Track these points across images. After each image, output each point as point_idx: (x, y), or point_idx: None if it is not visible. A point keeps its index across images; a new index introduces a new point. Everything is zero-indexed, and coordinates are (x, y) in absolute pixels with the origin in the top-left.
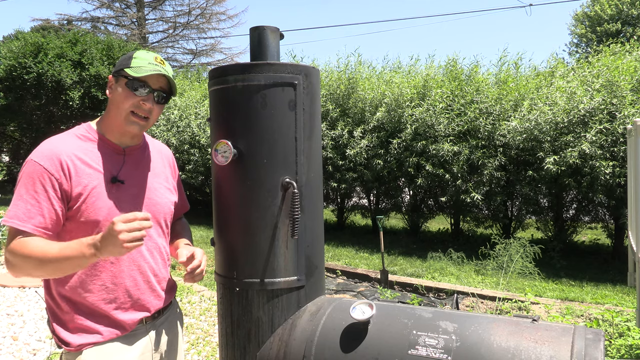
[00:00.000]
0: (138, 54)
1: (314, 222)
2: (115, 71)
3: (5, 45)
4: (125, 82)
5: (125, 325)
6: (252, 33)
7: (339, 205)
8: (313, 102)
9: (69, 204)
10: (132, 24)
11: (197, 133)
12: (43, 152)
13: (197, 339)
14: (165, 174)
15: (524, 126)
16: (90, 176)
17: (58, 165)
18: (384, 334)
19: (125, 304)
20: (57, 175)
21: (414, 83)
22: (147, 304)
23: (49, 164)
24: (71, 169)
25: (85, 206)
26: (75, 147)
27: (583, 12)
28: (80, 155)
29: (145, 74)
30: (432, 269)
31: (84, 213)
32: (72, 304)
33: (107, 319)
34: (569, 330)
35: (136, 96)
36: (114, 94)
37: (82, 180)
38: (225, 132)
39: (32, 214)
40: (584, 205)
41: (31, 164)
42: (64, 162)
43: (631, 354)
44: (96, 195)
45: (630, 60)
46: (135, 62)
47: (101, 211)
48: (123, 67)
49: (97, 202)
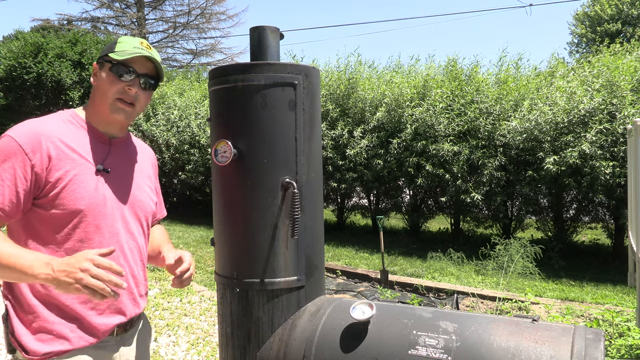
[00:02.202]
0: (123, 38)
1: (314, 222)
2: (100, 57)
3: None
4: (110, 67)
5: (98, 332)
6: (252, 33)
7: (339, 205)
8: (313, 102)
9: (43, 190)
10: (132, 24)
11: (197, 133)
12: (22, 130)
13: (197, 339)
14: (149, 173)
15: (524, 126)
16: (74, 162)
17: (36, 146)
18: (384, 334)
19: (102, 305)
20: (32, 157)
21: (414, 83)
22: (123, 307)
23: (25, 142)
24: (52, 152)
25: (65, 193)
26: (60, 130)
27: (583, 12)
28: (65, 139)
29: (129, 56)
30: (432, 269)
31: (63, 201)
32: (41, 301)
33: (79, 321)
34: (569, 330)
35: (121, 81)
36: (98, 81)
37: (63, 164)
38: (225, 132)
39: None
40: (584, 205)
41: (7, 140)
42: (44, 143)
43: (631, 354)
44: (78, 182)
45: (630, 60)
46: (119, 47)
47: (82, 201)
48: (107, 53)
49: (78, 190)
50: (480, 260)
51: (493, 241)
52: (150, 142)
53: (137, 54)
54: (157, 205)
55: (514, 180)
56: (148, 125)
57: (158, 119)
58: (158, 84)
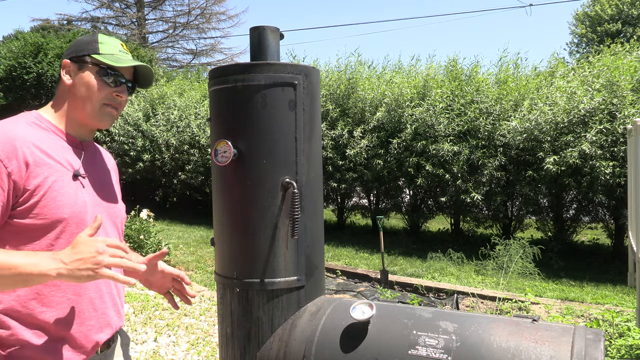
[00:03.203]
0: (103, 38)
1: (314, 222)
2: (77, 56)
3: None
4: (97, 70)
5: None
6: (252, 33)
7: (339, 205)
8: (313, 102)
9: (20, 199)
10: (132, 24)
11: (197, 133)
12: None
13: (197, 339)
14: (115, 178)
15: (524, 126)
16: (51, 167)
17: (12, 153)
18: (384, 334)
19: (91, 320)
20: (7, 163)
21: (414, 83)
22: (110, 320)
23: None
24: (29, 158)
25: (44, 202)
26: (30, 134)
27: (583, 12)
28: (38, 144)
29: (124, 64)
30: (432, 269)
31: (43, 210)
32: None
33: (66, 340)
34: (569, 331)
35: (110, 87)
36: (76, 82)
37: (41, 171)
38: (225, 132)
39: None
40: (584, 205)
41: None
42: (19, 148)
43: (631, 354)
44: (57, 189)
45: (630, 60)
46: (104, 48)
47: (64, 209)
48: (90, 53)
49: (59, 198)
50: (480, 260)
51: (493, 241)
52: (150, 142)
53: (129, 65)
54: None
55: (514, 180)
56: (148, 126)
57: (158, 119)
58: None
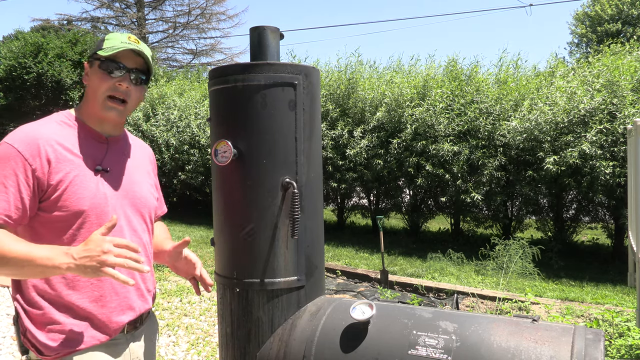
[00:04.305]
0: (110, 35)
1: (314, 222)
2: (89, 56)
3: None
4: (99, 64)
5: (109, 330)
6: (252, 33)
7: (339, 205)
8: (313, 102)
9: (45, 193)
10: (132, 24)
11: (197, 133)
12: (19, 136)
13: (197, 339)
14: (147, 169)
15: (524, 126)
16: (72, 163)
17: (35, 151)
18: (384, 334)
19: (112, 303)
20: (32, 161)
21: (414, 83)
22: (132, 304)
23: (24, 148)
24: (50, 156)
25: (66, 195)
26: (55, 132)
27: (583, 12)
28: (61, 141)
29: (115, 51)
30: (432, 269)
31: (65, 202)
32: (50, 303)
33: (90, 320)
34: (569, 331)
35: (111, 77)
36: (89, 79)
37: (63, 167)
38: (225, 132)
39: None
40: (584, 205)
41: (5, 147)
42: (42, 147)
43: (631, 354)
44: (78, 183)
45: (630, 60)
46: (107, 44)
47: (84, 201)
48: (95, 51)
49: (79, 191)
50: (480, 261)
51: (493, 241)
52: (150, 142)
53: (124, 48)
54: (158, 202)
55: (514, 180)
56: (148, 126)
57: (158, 119)
58: (149, 78)
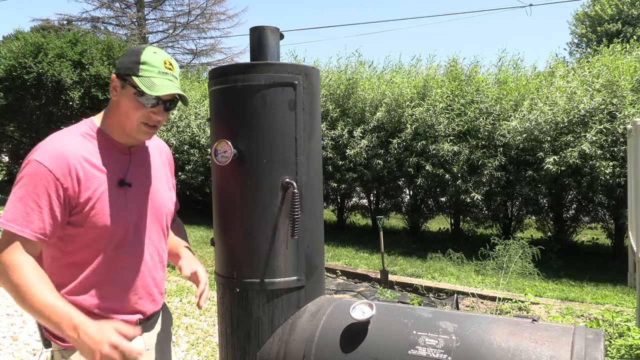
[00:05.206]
0: (146, 56)
1: (314, 222)
2: (121, 74)
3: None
4: (134, 92)
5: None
6: (252, 33)
7: (339, 205)
8: (313, 102)
9: (74, 209)
10: (132, 24)
11: (197, 133)
12: (49, 153)
13: (197, 339)
14: (165, 172)
15: (524, 126)
16: (99, 179)
17: (66, 170)
18: (384, 334)
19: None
20: (63, 180)
21: (414, 83)
22: (142, 308)
23: (55, 167)
24: (80, 174)
25: (94, 212)
26: (82, 148)
27: (583, 12)
28: (88, 157)
29: (157, 93)
30: (432, 269)
31: (92, 218)
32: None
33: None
34: (569, 331)
35: (146, 108)
36: (119, 98)
37: (91, 184)
38: (225, 132)
39: (32, 218)
40: (584, 205)
41: (35, 164)
42: (72, 165)
43: (631, 354)
44: (105, 199)
45: (630, 60)
46: (144, 70)
47: (109, 217)
48: (130, 74)
49: (105, 208)
50: (480, 261)
51: (493, 241)
52: None
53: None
54: None
55: (514, 180)
56: None
57: None
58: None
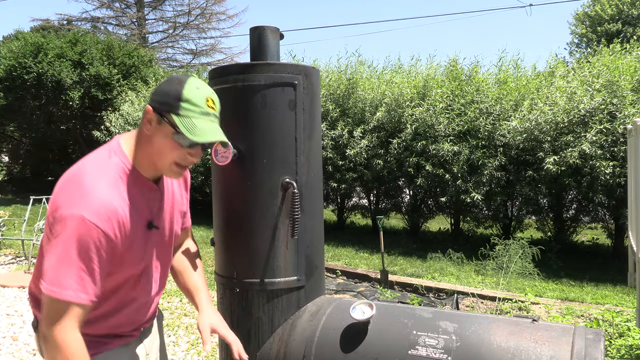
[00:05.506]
0: (189, 93)
1: (314, 222)
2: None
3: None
4: (172, 132)
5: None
6: (252, 33)
7: (339, 205)
8: (313, 102)
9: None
10: (132, 24)
11: None
12: (96, 209)
13: (197, 339)
14: (182, 193)
15: (524, 126)
16: (135, 225)
17: (116, 225)
18: (384, 334)
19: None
20: (113, 236)
21: (414, 83)
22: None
23: (106, 226)
24: (126, 226)
25: (128, 254)
26: (123, 195)
27: (583, 12)
28: (129, 202)
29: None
30: (432, 269)
31: (126, 261)
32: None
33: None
34: (569, 331)
35: (183, 148)
36: (154, 134)
37: (131, 232)
38: (225, 132)
39: (86, 282)
40: (584, 205)
41: (86, 224)
42: (121, 220)
43: (631, 354)
44: (136, 247)
45: (630, 60)
46: (185, 110)
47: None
48: (170, 111)
49: (137, 249)
50: (480, 260)
51: (493, 241)
52: None
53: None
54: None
55: (514, 180)
56: None
57: None
58: None
